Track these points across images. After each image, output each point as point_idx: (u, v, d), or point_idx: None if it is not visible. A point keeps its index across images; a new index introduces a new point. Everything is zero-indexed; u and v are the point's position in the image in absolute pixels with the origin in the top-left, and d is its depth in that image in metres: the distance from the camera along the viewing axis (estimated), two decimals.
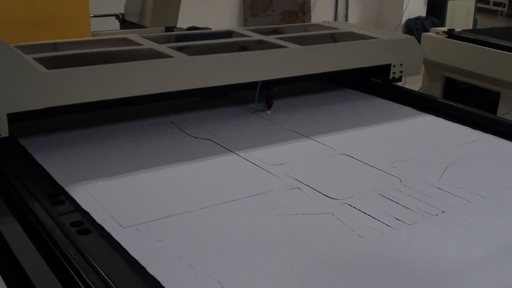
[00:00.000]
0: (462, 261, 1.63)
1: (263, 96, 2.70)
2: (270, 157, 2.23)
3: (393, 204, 1.90)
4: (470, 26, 9.56)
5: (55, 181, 1.97)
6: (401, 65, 3.08)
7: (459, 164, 2.26)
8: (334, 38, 3.20)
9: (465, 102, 2.95)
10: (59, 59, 2.45)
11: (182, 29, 4.18)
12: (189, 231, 1.71)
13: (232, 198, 1.91)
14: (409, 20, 9.82)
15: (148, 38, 2.85)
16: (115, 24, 4.62)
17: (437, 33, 4.10)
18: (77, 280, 1.46)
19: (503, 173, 2.21)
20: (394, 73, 3.07)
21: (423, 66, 3.47)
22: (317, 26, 3.46)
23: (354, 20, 9.82)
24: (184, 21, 4.45)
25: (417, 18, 9.84)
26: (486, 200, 1.98)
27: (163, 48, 2.61)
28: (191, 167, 2.15)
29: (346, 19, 9.75)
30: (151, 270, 1.50)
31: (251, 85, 2.66)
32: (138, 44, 2.72)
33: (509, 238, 1.76)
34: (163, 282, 1.46)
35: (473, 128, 2.65)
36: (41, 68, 2.16)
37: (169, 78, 2.39)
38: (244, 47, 2.89)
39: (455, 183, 2.07)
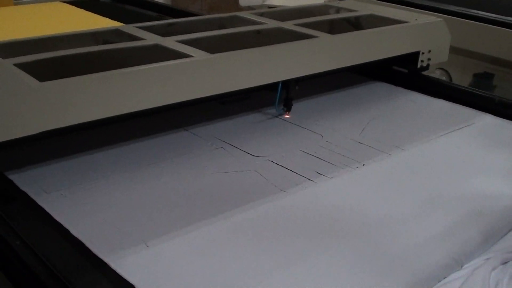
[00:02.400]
0: (382, 211, 1.69)
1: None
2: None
3: (315, 159, 1.95)
4: None
5: None
6: (429, 51, 2.77)
7: (380, 119, 2.33)
8: (359, 23, 2.82)
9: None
10: (48, 65, 1.94)
11: None
12: (114, 194, 1.72)
13: (156, 160, 1.93)
14: None
15: (145, 29, 2.36)
16: None
17: None
18: (2, 247, 1.47)
19: (422, 127, 2.29)
20: (422, 61, 2.76)
21: None
22: (331, 8, 3.06)
23: None
24: None
25: None
26: (405, 153, 2.04)
27: (171, 43, 2.15)
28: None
29: None
30: (75, 232, 1.51)
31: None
32: (138, 38, 2.24)
33: (426, 189, 1.83)
34: (87, 243, 1.47)
35: (395, 86, 2.73)
36: (30, 80, 1.69)
37: (196, 82, 1.97)
38: (266, 38, 2.41)
39: (376, 137, 2.13)
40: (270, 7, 3.00)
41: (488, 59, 4.05)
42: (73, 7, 3.67)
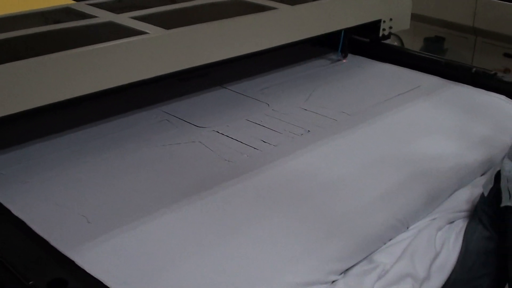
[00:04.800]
0: (327, 175, 1.69)
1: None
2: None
3: (260, 128, 1.95)
4: None
5: None
6: (390, 19, 2.68)
7: (326, 86, 2.33)
8: None
9: None
10: None
11: None
12: (54, 171, 1.69)
13: (99, 135, 1.91)
14: None
15: (96, 6, 2.22)
16: None
17: None
18: None
19: (368, 92, 2.29)
20: (384, 29, 2.68)
21: None
22: None
23: None
24: None
25: None
26: (352, 118, 2.05)
27: (125, 20, 2.04)
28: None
29: None
30: (15, 211, 1.49)
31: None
32: (90, 16, 2.11)
33: (372, 152, 1.84)
34: (28, 222, 1.45)
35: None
36: None
37: (153, 59, 1.88)
38: (222, 11, 2.27)
39: (322, 104, 2.13)
40: None
41: (439, 23, 4.08)
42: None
